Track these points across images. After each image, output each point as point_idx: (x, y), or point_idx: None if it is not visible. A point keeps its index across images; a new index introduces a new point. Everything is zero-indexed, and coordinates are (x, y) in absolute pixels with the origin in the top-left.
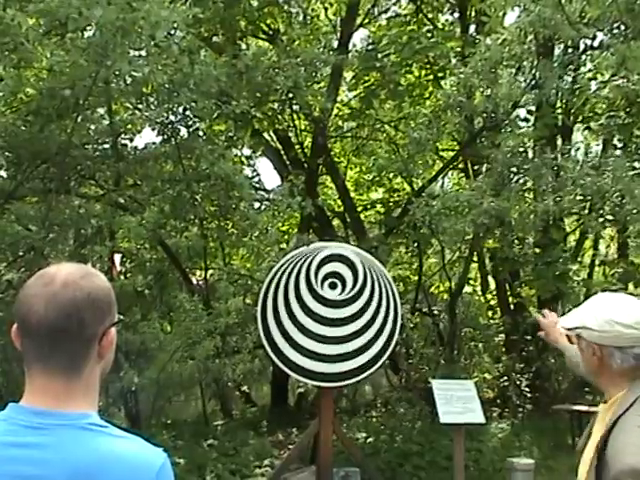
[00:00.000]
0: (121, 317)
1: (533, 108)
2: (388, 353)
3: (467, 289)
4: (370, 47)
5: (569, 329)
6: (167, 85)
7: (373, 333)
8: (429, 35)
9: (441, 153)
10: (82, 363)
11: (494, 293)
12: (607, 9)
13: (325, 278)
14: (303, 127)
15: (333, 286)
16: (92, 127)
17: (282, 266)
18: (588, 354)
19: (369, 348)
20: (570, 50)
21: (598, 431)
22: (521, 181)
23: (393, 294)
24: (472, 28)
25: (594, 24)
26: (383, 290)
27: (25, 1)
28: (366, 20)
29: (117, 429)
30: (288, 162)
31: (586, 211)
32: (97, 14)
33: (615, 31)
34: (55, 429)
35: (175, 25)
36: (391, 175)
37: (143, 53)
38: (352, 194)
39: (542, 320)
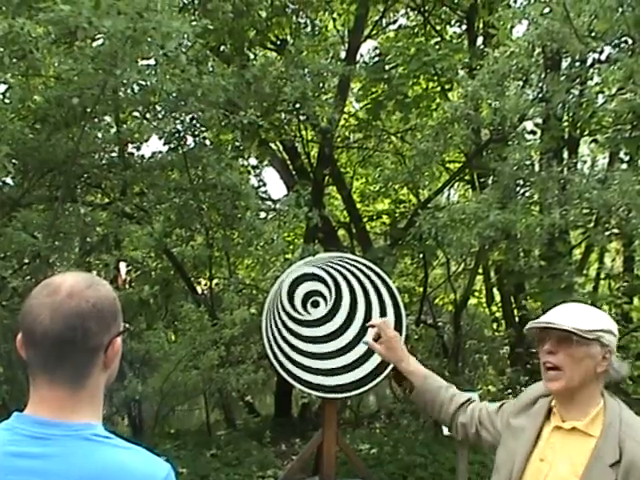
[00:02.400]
0: (127, 326)
1: (540, 121)
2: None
3: (472, 301)
4: (378, 58)
5: (590, 331)
6: (175, 94)
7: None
8: (437, 47)
9: (447, 165)
10: (87, 373)
11: (499, 305)
12: (615, 23)
13: (307, 297)
14: (310, 137)
15: (316, 304)
16: (99, 135)
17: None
18: (596, 360)
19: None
20: (577, 63)
21: (573, 447)
22: (527, 194)
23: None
24: (480, 40)
25: (602, 38)
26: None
27: (35, 10)
28: (374, 31)
29: (121, 440)
30: (294, 172)
31: (592, 224)
32: (107, 24)
33: (623, 45)
34: (59, 440)
35: (185, 35)
36: (397, 186)
37: (152, 62)
38: (358, 205)
39: (383, 330)
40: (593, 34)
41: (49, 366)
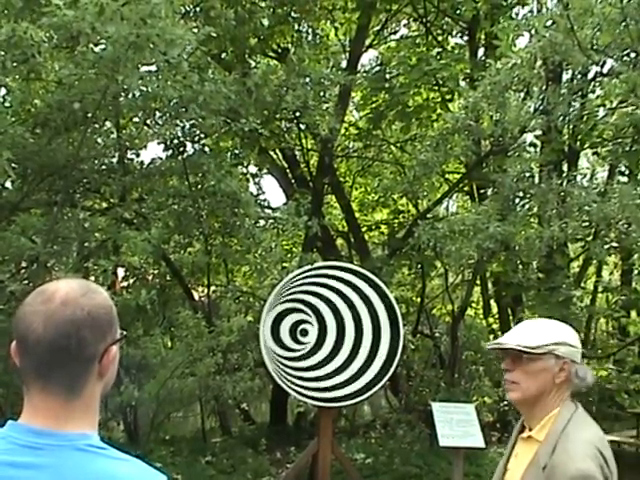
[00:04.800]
0: (124, 333)
1: (540, 133)
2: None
3: (469, 312)
4: (379, 68)
5: (539, 347)
6: (176, 101)
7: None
8: (438, 57)
9: (447, 176)
10: (82, 382)
11: (496, 317)
12: (619, 36)
13: (295, 326)
14: (310, 146)
15: (304, 333)
16: (99, 141)
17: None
18: (552, 372)
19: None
20: (579, 76)
21: (527, 453)
22: (527, 206)
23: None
24: (481, 51)
25: (605, 51)
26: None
27: (37, 14)
28: (375, 41)
29: (116, 451)
30: (294, 181)
31: (591, 237)
32: (111, 30)
33: (625, 58)
34: (53, 450)
35: (187, 42)
36: (396, 196)
37: (153, 68)
38: (357, 214)
39: None
40: (596, 47)
41: (42, 375)
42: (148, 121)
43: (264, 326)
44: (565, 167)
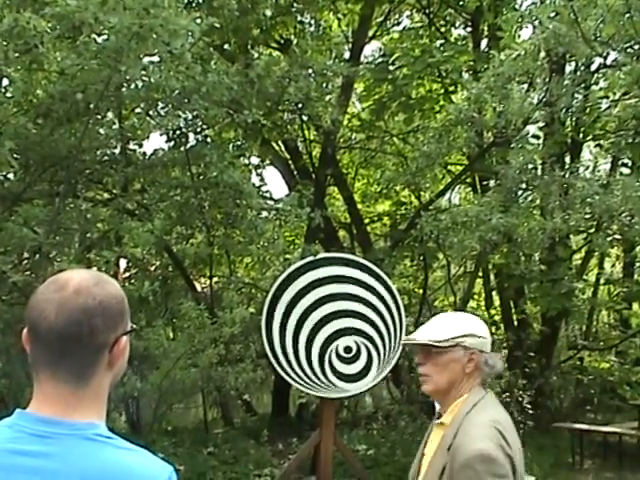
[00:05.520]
0: (134, 326)
1: (543, 124)
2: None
3: (471, 304)
4: (382, 59)
5: (446, 340)
6: (179, 92)
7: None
8: (441, 49)
9: (449, 167)
10: (92, 371)
11: (498, 309)
12: (622, 27)
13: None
14: (312, 137)
15: (348, 350)
16: (102, 131)
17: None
18: (461, 363)
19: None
20: (582, 68)
21: (438, 438)
22: (530, 198)
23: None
24: (484, 43)
25: (608, 42)
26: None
27: (40, 4)
28: (378, 32)
29: (123, 441)
30: (296, 172)
31: (594, 229)
32: (114, 20)
33: (629, 50)
34: (61, 438)
35: (190, 33)
36: (398, 188)
37: (156, 59)
38: (359, 206)
39: None
40: (600, 38)
41: (53, 362)
42: (150, 112)
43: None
44: (568, 159)
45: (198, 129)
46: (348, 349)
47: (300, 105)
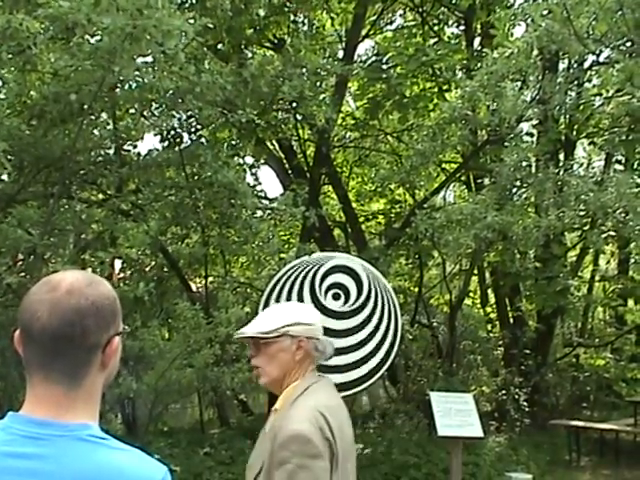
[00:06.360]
0: (126, 328)
1: (536, 122)
2: (387, 365)
3: (467, 302)
4: (375, 58)
5: (272, 331)
6: (173, 92)
7: (374, 345)
8: (435, 47)
9: (444, 165)
10: (84, 372)
11: (494, 306)
12: (615, 25)
13: (329, 289)
14: (306, 137)
15: (336, 297)
16: (96, 132)
17: (284, 275)
18: (290, 351)
19: (369, 360)
20: (575, 65)
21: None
22: (524, 196)
23: (394, 306)
24: (477, 41)
25: (601, 40)
26: (385, 303)
27: (33, 5)
28: (372, 31)
29: (117, 441)
30: (290, 171)
31: (588, 227)
32: (107, 21)
33: (622, 47)
34: (54, 440)
35: (184, 34)
36: (393, 186)
37: (149, 60)
38: (354, 204)
39: None
40: (592, 36)
41: (46, 363)
42: (144, 112)
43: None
44: (562, 156)
45: (192, 129)
46: None
47: (294, 104)
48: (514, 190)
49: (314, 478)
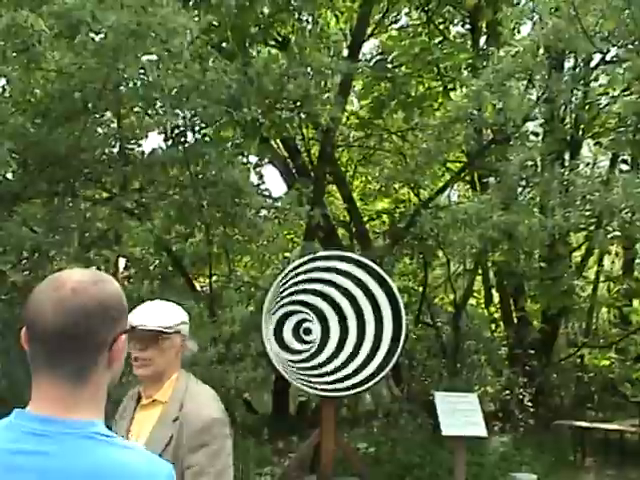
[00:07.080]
0: (132, 326)
1: (542, 121)
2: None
3: (471, 302)
4: (380, 57)
5: (172, 327)
6: (177, 90)
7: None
8: (440, 46)
9: (449, 165)
10: (90, 370)
11: (498, 306)
12: (622, 23)
13: (298, 326)
14: (311, 135)
15: (308, 332)
16: (100, 130)
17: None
18: (176, 348)
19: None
20: (582, 64)
21: (152, 415)
22: (530, 195)
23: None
24: (483, 40)
25: (608, 38)
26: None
27: (38, 3)
28: (377, 30)
29: (122, 439)
30: (295, 170)
31: (594, 227)
32: (111, 18)
33: (630, 46)
34: (59, 437)
35: (188, 31)
36: (397, 185)
37: (154, 57)
38: (358, 204)
39: None
40: (600, 34)
41: (51, 361)
42: (149, 110)
43: (267, 331)
44: (567, 156)
45: (197, 127)
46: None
47: (299, 103)
48: (519, 190)
49: (229, 455)
